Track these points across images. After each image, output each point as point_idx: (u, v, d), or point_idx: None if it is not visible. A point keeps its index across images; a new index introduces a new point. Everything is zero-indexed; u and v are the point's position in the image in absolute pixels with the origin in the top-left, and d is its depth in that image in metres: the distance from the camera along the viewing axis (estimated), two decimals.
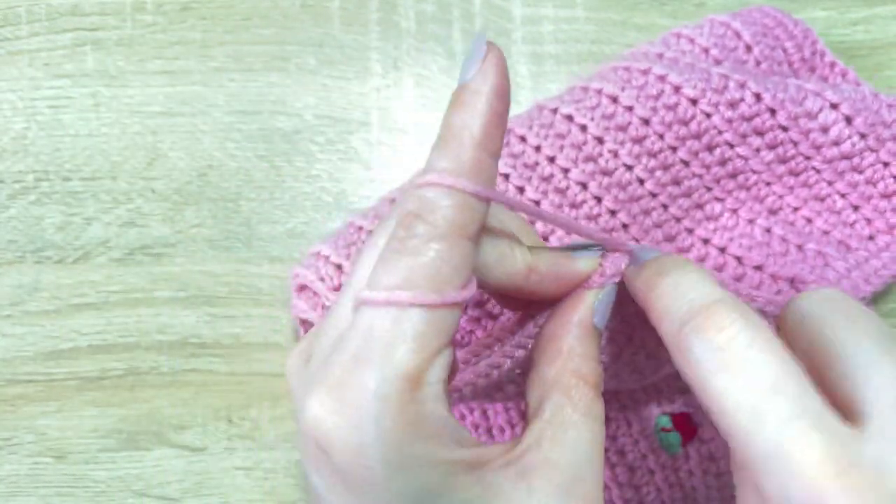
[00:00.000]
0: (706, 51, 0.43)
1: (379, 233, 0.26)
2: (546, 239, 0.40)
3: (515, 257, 0.27)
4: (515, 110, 0.43)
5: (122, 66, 0.47)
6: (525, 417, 0.27)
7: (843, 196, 0.43)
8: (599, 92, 0.40)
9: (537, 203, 0.40)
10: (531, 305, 0.30)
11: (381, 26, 0.48)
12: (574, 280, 0.28)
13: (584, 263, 0.29)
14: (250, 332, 0.46)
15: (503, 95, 0.25)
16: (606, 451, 0.42)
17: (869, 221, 0.43)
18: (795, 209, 0.43)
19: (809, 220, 0.43)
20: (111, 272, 0.46)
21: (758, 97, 0.40)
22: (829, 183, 0.43)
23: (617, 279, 0.29)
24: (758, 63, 0.43)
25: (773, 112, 0.40)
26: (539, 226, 0.40)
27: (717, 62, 0.43)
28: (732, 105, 0.40)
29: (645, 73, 0.40)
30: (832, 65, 0.46)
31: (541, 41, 0.48)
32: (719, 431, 0.24)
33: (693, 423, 0.42)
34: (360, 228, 0.41)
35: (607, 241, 0.29)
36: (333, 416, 0.22)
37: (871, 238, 0.42)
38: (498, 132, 0.25)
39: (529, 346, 0.29)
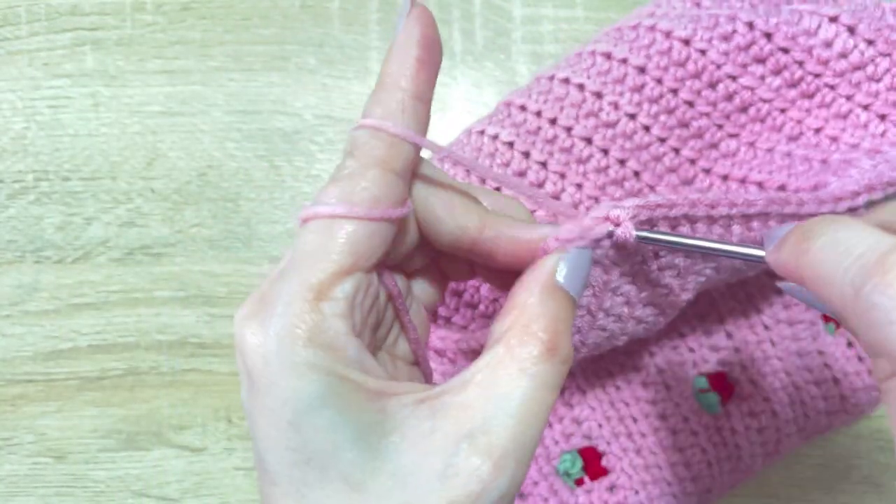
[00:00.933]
0: (698, 4, 0.43)
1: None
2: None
3: (469, 209, 0.28)
4: None
5: (121, 65, 0.47)
6: None
7: (865, 108, 0.41)
8: (593, 53, 0.41)
9: (543, 164, 0.40)
10: (499, 277, 0.30)
11: (381, 26, 0.48)
12: (531, 244, 0.28)
13: (543, 230, 0.28)
14: None
15: (427, 46, 0.27)
16: (648, 416, 0.42)
17: None
18: (817, 130, 0.42)
19: (834, 139, 0.41)
20: (111, 272, 0.46)
21: (750, 25, 0.40)
22: (848, 97, 0.41)
23: (582, 243, 0.27)
24: (753, 6, 0.43)
25: (769, 36, 0.40)
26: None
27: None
28: (726, 38, 0.40)
29: (635, 27, 0.40)
30: None
31: (541, 41, 0.48)
32: None
33: (729, 381, 0.42)
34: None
35: (559, 210, 0.29)
36: (249, 322, 0.25)
37: None
38: (423, 78, 0.27)
39: None
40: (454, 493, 0.23)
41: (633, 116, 0.40)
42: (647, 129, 0.40)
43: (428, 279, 0.31)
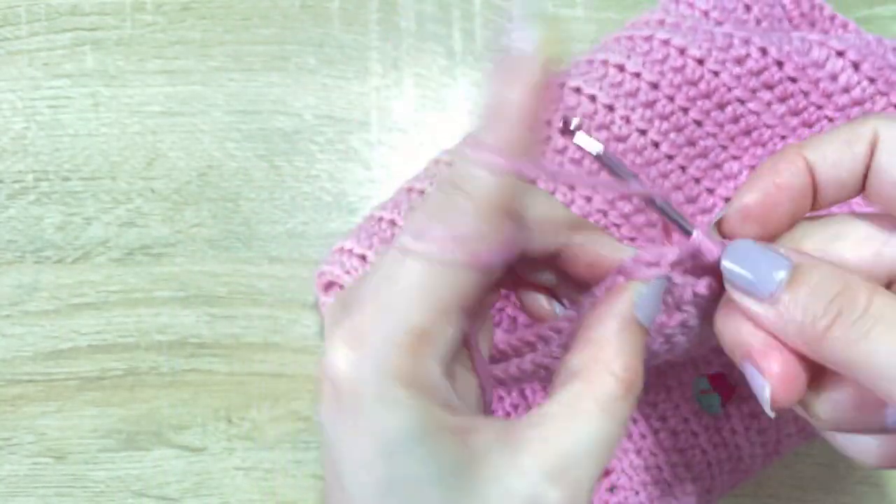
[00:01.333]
0: (706, 13, 0.43)
1: (430, 195, 0.27)
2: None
3: (559, 213, 0.28)
4: None
5: (121, 65, 0.47)
6: None
7: None
8: (605, 62, 0.41)
9: (553, 176, 0.40)
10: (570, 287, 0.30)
11: (381, 26, 0.48)
12: (611, 259, 0.28)
13: (626, 251, 0.28)
14: (250, 332, 0.46)
15: (546, 71, 0.25)
16: (648, 417, 0.42)
17: None
18: None
19: None
20: (111, 272, 0.46)
21: (763, 51, 0.40)
22: None
23: (663, 272, 0.27)
24: (758, 21, 0.43)
25: (780, 64, 0.40)
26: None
27: (718, 24, 0.43)
28: (739, 61, 0.40)
29: (648, 39, 0.40)
30: (832, 18, 0.46)
31: None
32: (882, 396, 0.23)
33: (730, 382, 0.42)
34: (381, 219, 0.41)
35: (674, 213, 0.28)
36: (345, 351, 0.24)
37: None
38: (539, 106, 0.25)
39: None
40: None
41: (643, 132, 0.40)
42: (656, 145, 0.40)
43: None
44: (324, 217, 0.47)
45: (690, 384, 0.43)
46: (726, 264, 0.26)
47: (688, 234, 0.27)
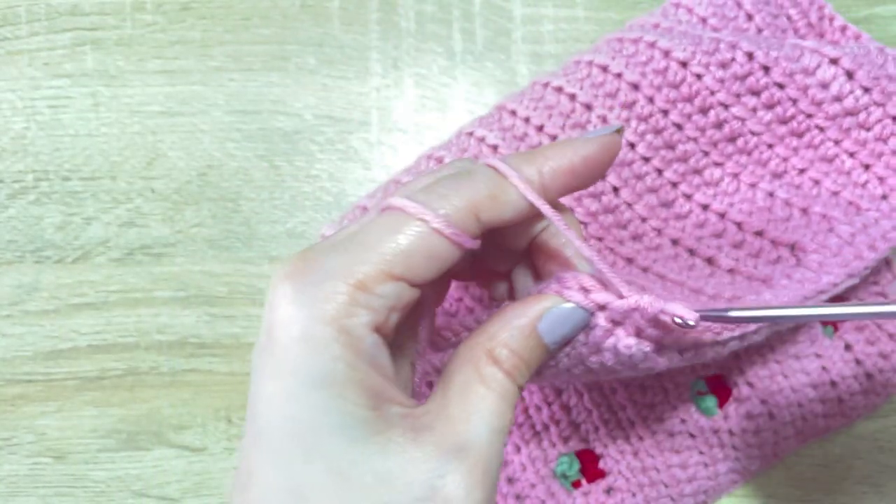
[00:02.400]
0: (704, 20, 0.42)
1: (445, 167, 0.29)
2: None
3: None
4: None
5: (121, 65, 0.47)
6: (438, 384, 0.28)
7: (851, 155, 0.41)
8: (590, 63, 0.40)
9: None
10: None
11: (381, 26, 0.48)
12: (563, 264, 0.29)
13: (581, 263, 0.29)
14: (250, 332, 0.46)
15: (594, 163, 0.28)
16: (646, 419, 0.42)
17: (881, 180, 0.41)
18: (801, 171, 0.41)
19: (817, 182, 0.41)
20: (111, 272, 0.46)
21: (750, 56, 0.39)
22: (836, 142, 0.41)
23: (585, 304, 0.27)
24: (759, 31, 0.42)
25: (766, 69, 0.39)
26: None
27: (715, 31, 0.42)
28: (723, 65, 0.39)
29: (635, 41, 0.40)
30: (843, 28, 0.44)
31: (541, 41, 0.48)
32: None
33: (727, 384, 0.42)
34: (365, 208, 0.41)
35: (606, 278, 0.28)
36: (287, 281, 0.25)
37: (884, 197, 0.40)
38: (569, 178, 0.28)
39: None
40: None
41: None
42: (632, 146, 0.40)
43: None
44: (324, 217, 0.47)
45: (687, 386, 0.43)
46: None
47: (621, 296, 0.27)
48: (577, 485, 0.42)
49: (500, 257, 0.31)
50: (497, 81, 0.48)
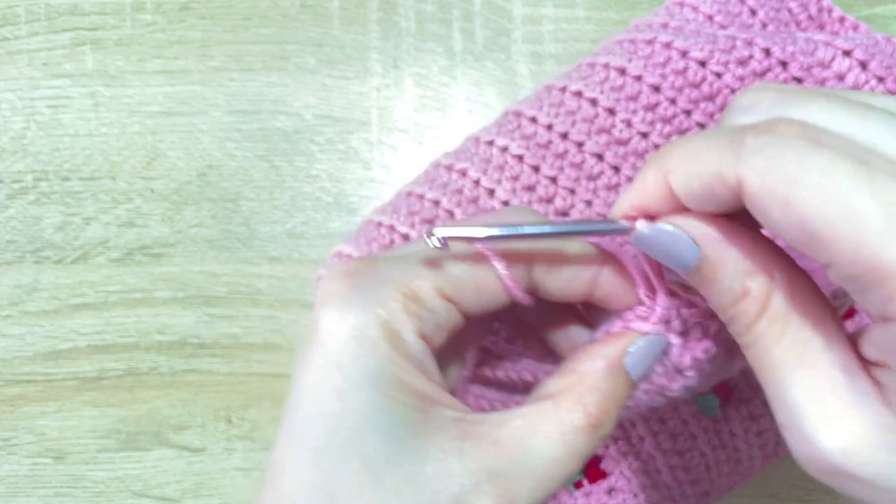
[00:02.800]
0: (710, 18, 0.43)
1: (510, 211, 0.29)
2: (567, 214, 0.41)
3: (582, 275, 0.28)
4: None
5: (121, 65, 0.47)
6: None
7: None
8: (606, 66, 0.40)
9: (553, 179, 0.40)
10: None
11: (381, 26, 0.48)
12: (567, 260, 0.28)
13: (574, 246, 0.28)
14: (249, 333, 0.46)
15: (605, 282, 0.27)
16: (647, 420, 0.42)
17: None
18: None
19: None
20: (110, 272, 0.46)
21: (767, 52, 0.39)
22: None
23: (656, 328, 0.27)
24: (764, 25, 0.43)
25: (784, 65, 0.40)
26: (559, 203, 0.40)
27: (722, 28, 0.42)
28: (742, 63, 0.40)
29: (650, 42, 0.40)
30: (842, 19, 0.45)
31: (541, 41, 0.48)
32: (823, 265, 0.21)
33: (729, 384, 0.42)
34: (380, 224, 0.41)
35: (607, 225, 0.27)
36: (340, 280, 0.25)
37: None
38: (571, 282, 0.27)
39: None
40: None
41: (645, 135, 0.40)
42: (657, 148, 0.40)
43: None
44: (324, 217, 0.47)
45: None
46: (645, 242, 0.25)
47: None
48: (578, 485, 0.42)
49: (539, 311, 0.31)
50: (497, 81, 0.48)
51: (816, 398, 0.22)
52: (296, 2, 0.48)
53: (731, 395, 0.42)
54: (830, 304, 0.23)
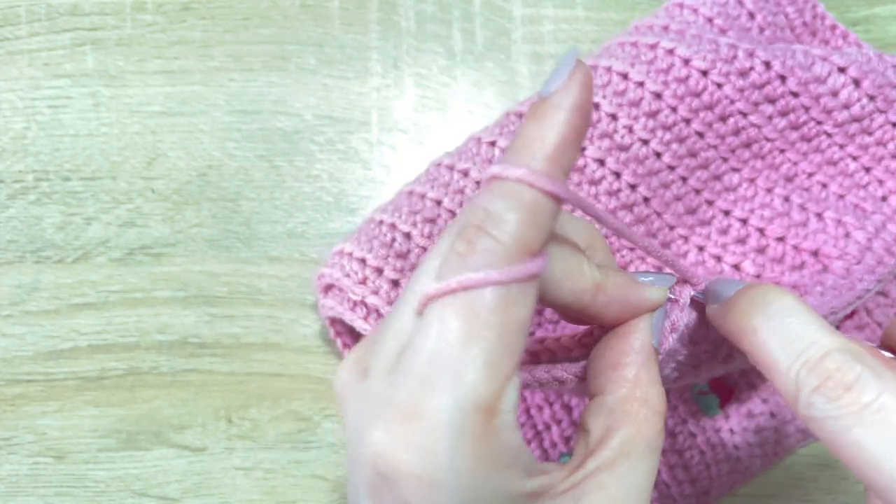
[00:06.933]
0: (710, 20, 0.43)
1: (442, 242, 0.24)
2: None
3: (584, 273, 0.26)
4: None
5: (121, 65, 0.47)
6: (583, 441, 0.26)
7: (854, 159, 0.43)
8: (609, 70, 0.40)
9: None
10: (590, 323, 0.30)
11: (381, 26, 0.48)
12: (641, 308, 0.27)
13: (653, 293, 0.28)
14: (250, 332, 0.46)
15: (583, 114, 0.24)
16: None
17: (881, 182, 0.42)
18: (810, 175, 0.43)
19: (824, 185, 0.43)
20: (111, 272, 0.46)
21: (767, 65, 0.40)
22: (841, 146, 0.42)
23: (681, 307, 0.28)
24: (761, 30, 0.44)
25: (783, 79, 0.40)
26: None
27: (722, 31, 0.43)
28: (743, 74, 0.40)
29: (653, 47, 0.40)
30: (833, 28, 0.46)
31: (541, 41, 0.48)
32: (861, 482, 0.23)
33: (729, 384, 0.42)
34: (381, 223, 0.41)
35: (679, 267, 0.29)
36: (403, 448, 0.21)
37: (883, 199, 0.42)
38: (572, 149, 0.23)
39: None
40: None
41: (646, 142, 0.40)
42: (658, 155, 0.40)
43: None
44: (324, 217, 0.47)
45: (689, 386, 0.43)
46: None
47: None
48: None
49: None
50: (497, 81, 0.48)
51: None
52: (296, 2, 0.48)
53: (731, 395, 0.42)
54: None
